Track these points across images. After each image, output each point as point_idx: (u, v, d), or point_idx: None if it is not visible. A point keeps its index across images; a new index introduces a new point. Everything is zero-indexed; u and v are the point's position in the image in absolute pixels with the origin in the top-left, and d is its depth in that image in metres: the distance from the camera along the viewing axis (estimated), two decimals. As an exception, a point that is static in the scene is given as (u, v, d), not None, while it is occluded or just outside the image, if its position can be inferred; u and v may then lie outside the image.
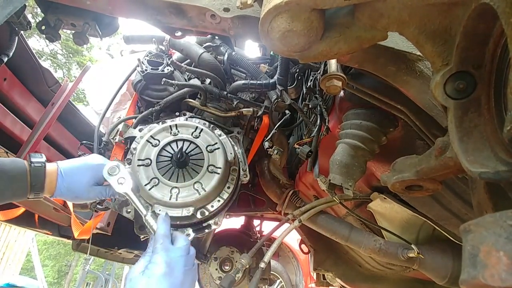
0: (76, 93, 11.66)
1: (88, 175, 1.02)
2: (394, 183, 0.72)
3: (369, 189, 1.47)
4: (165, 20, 0.92)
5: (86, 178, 1.02)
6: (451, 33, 0.52)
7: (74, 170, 1.01)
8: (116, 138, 1.59)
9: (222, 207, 1.36)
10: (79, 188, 1.01)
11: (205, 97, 1.61)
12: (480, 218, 0.36)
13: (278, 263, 4.01)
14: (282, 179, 1.83)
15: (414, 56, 0.74)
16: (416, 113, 0.84)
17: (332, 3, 0.53)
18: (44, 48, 13.82)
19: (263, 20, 0.58)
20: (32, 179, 0.94)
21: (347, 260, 2.10)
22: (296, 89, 1.51)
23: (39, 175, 0.95)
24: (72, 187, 1.00)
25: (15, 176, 0.92)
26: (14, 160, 0.95)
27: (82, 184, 1.01)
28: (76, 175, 1.01)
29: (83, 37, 1.22)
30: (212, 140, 1.38)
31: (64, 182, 0.99)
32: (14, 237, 9.11)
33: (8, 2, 0.87)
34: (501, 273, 0.31)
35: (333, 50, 0.62)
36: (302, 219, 1.51)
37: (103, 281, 10.21)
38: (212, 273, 2.05)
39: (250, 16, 0.83)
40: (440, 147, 0.59)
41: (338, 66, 0.89)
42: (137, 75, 1.69)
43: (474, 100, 0.51)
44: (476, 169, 0.45)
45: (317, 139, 1.31)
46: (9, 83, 1.81)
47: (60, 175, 0.99)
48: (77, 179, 1.01)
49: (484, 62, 0.50)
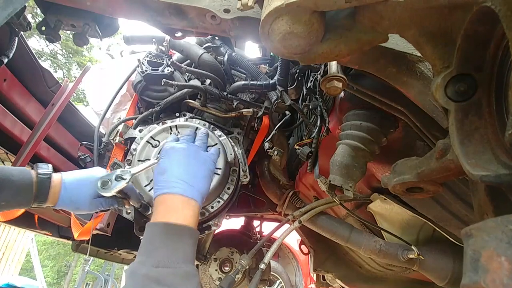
0: (76, 94, 11.66)
1: (89, 188, 1.04)
2: (394, 185, 0.72)
3: (369, 190, 1.47)
4: (165, 21, 0.92)
5: (88, 191, 1.03)
6: (452, 35, 0.52)
7: (77, 183, 1.03)
8: (116, 139, 1.59)
9: (222, 208, 1.36)
10: (80, 200, 1.03)
11: (205, 98, 1.60)
12: (482, 223, 0.36)
13: (278, 264, 4.02)
14: (282, 180, 1.83)
15: (415, 57, 0.74)
16: (416, 114, 0.84)
17: (333, 5, 0.53)
18: (44, 48, 13.82)
19: (264, 22, 0.58)
20: (37, 191, 0.96)
21: (347, 261, 2.10)
22: (296, 90, 1.51)
23: (45, 187, 0.97)
24: (74, 200, 1.02)
25: (22, 186, 0.94)
26: (22, 170, 0.97)
27: (84, 197, 1.03)
28: (79, 188, 1.02)
29: (83, 38, 1.22)
30: (212, 141, 1.38)
31: (67, 194, 1.01)
32: (13, 238, 9.11)
33: (8, 3, 0.87)
34: (502, 278, 0.31)
35: (334, 52, 0.62)
36: (302, 220, 1.51)
37: (102, 281, 10.21)
38: (212, 274, 2.05)
39: (251, 18, 0.83)
40: (441, 149, 0.59)
41: (339, 67, 0.89)
42: (137, 76, 1.69)
43: (475, 103, 0.51)
44: (477, 172, 0.45)
45: (317, 140, 1.31)
46: (9, 84, 1.80)
47: (64, 187, 1.01)
48: (79, 192, 1.02)
49: (485, 64, 0.50)
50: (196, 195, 0.96)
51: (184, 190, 0.94)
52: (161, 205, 0.92)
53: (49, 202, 1.00)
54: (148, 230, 0.88)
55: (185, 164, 1.01)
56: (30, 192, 0.95)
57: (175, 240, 0.85)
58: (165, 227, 0.86)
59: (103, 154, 1.68)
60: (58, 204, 1.01)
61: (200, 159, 1.06)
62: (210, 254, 2.05)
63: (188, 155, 1.04)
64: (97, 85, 2.44)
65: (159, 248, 0.82)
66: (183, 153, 1.03)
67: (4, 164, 2.15)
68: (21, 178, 0.94)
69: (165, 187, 0.94)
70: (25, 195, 0.95)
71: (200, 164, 1.04)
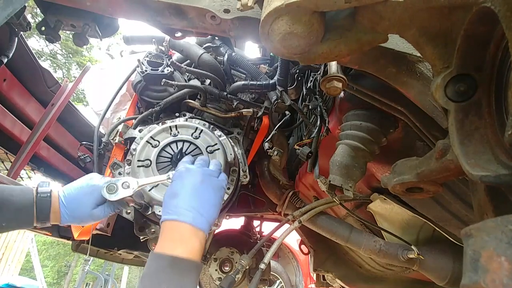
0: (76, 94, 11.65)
1: (87, 200, 1.01)
2: (394, 185, 0.72)
3: (369, 190, 1.48)
4: (165, 21, 0.92)
5: (86, 204, 1.01)
6: (452, 36, 0.52)
7: (73, 197, 1.01)
8: (116, 139, 1.59)
9: (222, 208, 1.36)
10: (81, 214, 1.01)
11: (205, 98, 1.60)
12: (482, 223, 0.36)
13: (278, 264, 4.02)
14: (282, 180, 1.83)
15: (415, 57, 0.74)
16: (416, 114, 0.84)
17: (333, 5, 0.53)
18: (43, 48, 13.82)
19: (264, 22, 0.58)
20: (37, 211, 0.95)
21: (347, 261, 2.10)
22: (296, 90, 1.51)
23: (45, 207, 0.96)
24: (74, 215, 1.00)
25: (22, 207, 0.93)
26: (23, 190, 0.96)
27: (83, 210, 1.01)
28: (76, 203, 1.00)
29: (83, 38, 1.22)
30: (212, 141, 1.38)
31: (66, 211, 0.99)
32: (13, 238, 9.11)
33: (8, 3, 0.87)
34: (502, 279, 0.31)
35: (334, 52, 0.62)
36: (302, 220, 1.51)
37: (102, 281, 10.20)
38: (212, 274, 2.05)
39: (251, 18, 0.83)
40: (440, 149, 0.59)
41: (338, 67, 0.89)
42: (137, 76, 1.69)
43: (475, 103, 0.51)
44: (477, 172, 0.45)
45: (317, 140, 1.31)
46: (8, 84, 1.80)
47: (62, 205, 0.99)
48: (78, 206, 1.01)
49: (484, 65, 0.50)
50: (205, 225, 0.92)
51: (193, 219, 0.90)
52: (169, 232, 0.89)
53: (53, 221, 0.98)
54: (153, 260, 0.85)
55: (197, 190, 0.96)
56: (31, 212, 0.94)
57: (181, 276, 0.82)
58: (172, 261, 0.83)
59: (103, 154, 1.68)
60: (62, 221, 1.00)
61: (213, 186, 1.01)
62: (210, 254, 2.05)
63: (202, 181, 0.99)
64: (97, 85, 2.44)
65: (163, 283, 0.80)
66: (197, 178, 0.99)
67: (3, 164, 2.15)
68: (22, 198, 0.93)
69: (175, 213, 0.91)
70: (25, 215, 0.94)
71: (212, 192, 1.00)
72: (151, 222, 1.34)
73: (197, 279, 0.88)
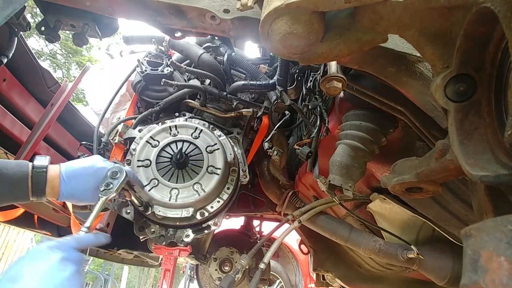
0: (76, 93, 11.65)
1: (90, 180, 1.02)
2: (394, 185, 0.72)
3: (369, 190, 1.47)
4: (165, 21, 0.92)
5: (89, 183, 1.02)
6: (451, 36, 0.52)
7: (77, 175, 1.01)
8: (116, 139, 1.58)
9: (222, 208, 1.36)
10: (82, 193, 1.01)
11: (204, 98, 1.60)
12: (481, 223, 0.36)
13: (277, 264, 4.01)
14: (281, 179, 1.83)
15: (414, 57, 0.74)
16: (416, 114, 0.84)
17: (333, 5, 0.53)
18: (43, 48, 13.80)
19: (264, 22, 0.58)
20: (33, 184, 0.95)
21: (346, 261, 2.10)
22: (295, 89, 1.51)
23: (40, 181, 0.95)
24: (75, 192, 1.00)
25: (17, 180, 0.92)
26: (19, 163, 0.95)
27: (85, 189, 1.01)
28: (79, 180, 1.01)
29: (83, 38, 1.22)
30: (212, 140, 1.38)
31: (67, 187, 0.99)
32: (13, 238, 9.10)
33: (8, 4, 0.87)
34: (502, 278, 0.31)
35: (333, 52, 0.62)
36: (301, 220, 1.51)
37: (102, 281, 10.20)
38: (211, 274, 2.05)
39: (250, 18, 0.83)
40: (440, 149, 0.59)
41: (338, 67, 0.89)
42: (137, 76, 1.69)
43: (475, 103, 0.51)
44: (477, 172, 0.45)
45: (317, 140, 1.31)
46: (8, 83, 1.80)
47: (63, 181, 0.99)
48: (80, 184, 1.01)
49: (484, 65, 0.50)
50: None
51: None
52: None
53: (49, 196, 0.98)
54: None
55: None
56: (25, 186, 0.93)
57: None
58: None
59: (103, 154, 1.68)
60: (60, 198, 0.99)
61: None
62: (210, 254, 2.05)
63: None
64: (97, 85, 2.43)
65: None
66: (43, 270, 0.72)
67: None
68: (16, 171, 0.92)
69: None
70: (20, 188, 0.93)
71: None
72: (151, 222, 1.34)
73: None
